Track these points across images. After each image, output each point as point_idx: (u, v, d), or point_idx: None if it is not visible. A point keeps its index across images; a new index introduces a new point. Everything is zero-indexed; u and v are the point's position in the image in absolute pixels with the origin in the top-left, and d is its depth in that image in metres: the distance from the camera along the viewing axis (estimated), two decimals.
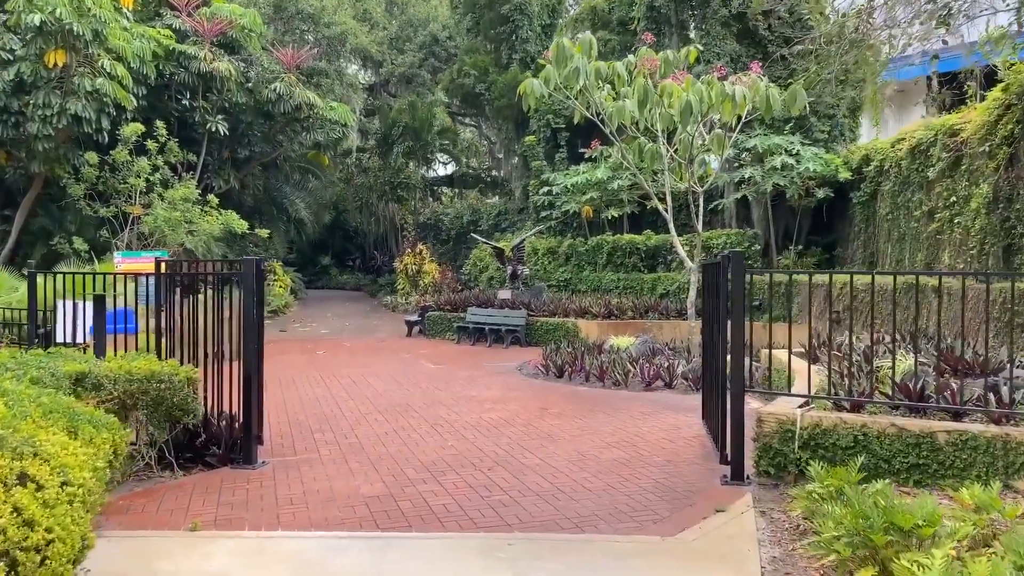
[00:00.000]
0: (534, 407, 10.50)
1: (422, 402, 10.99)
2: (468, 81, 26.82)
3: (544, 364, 13.63)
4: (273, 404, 10.91)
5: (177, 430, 7.55)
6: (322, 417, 10.04)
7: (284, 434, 9.09)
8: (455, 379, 13.12)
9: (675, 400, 10.92)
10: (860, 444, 6.31)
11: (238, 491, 6.78)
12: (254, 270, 7.56)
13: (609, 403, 10.73)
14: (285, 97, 22.87)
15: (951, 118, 13.40)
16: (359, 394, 11.76)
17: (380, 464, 7.63)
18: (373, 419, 9.86)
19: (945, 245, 13.50)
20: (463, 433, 8.97)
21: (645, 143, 14.12)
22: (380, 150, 31.54)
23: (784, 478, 6.61)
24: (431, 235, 31.95)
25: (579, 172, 20.85)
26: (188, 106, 22.68)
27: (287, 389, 12.25)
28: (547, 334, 17.64)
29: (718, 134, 13.85)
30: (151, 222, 18.47)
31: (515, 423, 9.47)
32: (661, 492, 6.58)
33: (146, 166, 18.76)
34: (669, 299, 18.45)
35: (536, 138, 24.21)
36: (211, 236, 20.10)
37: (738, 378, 6.82)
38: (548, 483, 6.87)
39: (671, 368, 12.35)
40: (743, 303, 6.87)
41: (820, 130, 18.31)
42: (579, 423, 9.42)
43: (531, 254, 22.26)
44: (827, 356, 7.39)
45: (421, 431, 9.12)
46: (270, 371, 14.50)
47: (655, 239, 20.30)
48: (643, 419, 9.62)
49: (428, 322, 20.00)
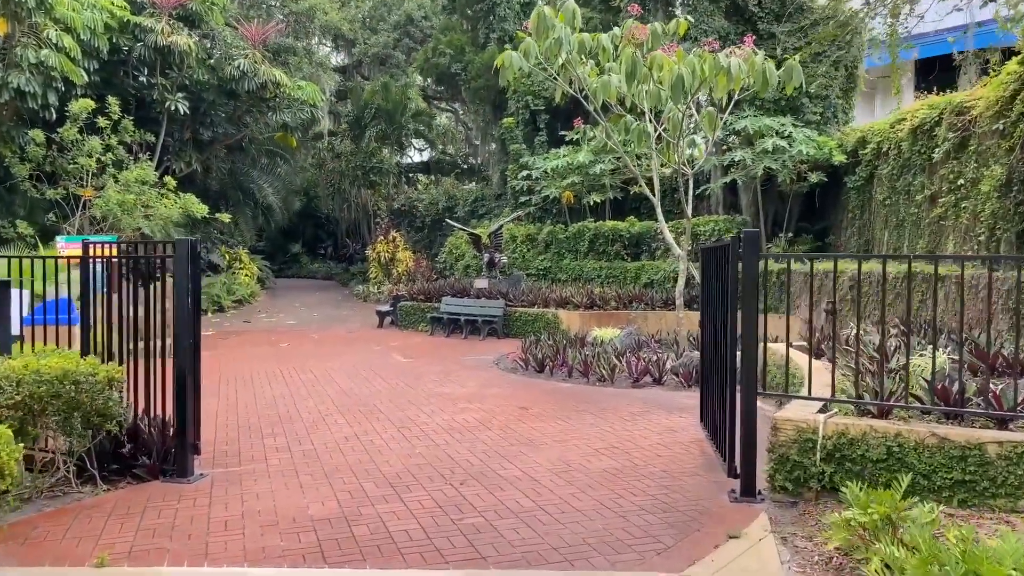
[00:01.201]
0: (513, 406, 9.54)
1: (390, 401, 9.98)
2: (443, 61, 25.63)
3: (523, 358, 12.67)
4: (224, 404, 9.86)
5: (100, 438, 6.51)
6: (277, 419, 9.01)
7: (231, 439, 8.05)
8: (427, 374, 12.12)
9: (666, 398, 10.00)
10: (894, 457, 5.41)
11: (165, 511, 5.75)
12: (188, 252, 6.51)
13: (595, 401, 9.79)
14: (249, 75, 21.61)
15: (958, 95, 12.56)
16: (321, 392, 10.72)
17: (336, 477, 6.62)
18: (333, 421, 8.84)
19: (949, 231, 12.69)
20: (433, 438, 7.98)
21: (632, 121, 13.14)
22: (352, 133, 30.25)
23: (803, 495, 5.70)
24: (405, 222, 30.80)
25: (559, 156, 19.85)
26: (146, 83, 21.36)
27: (243, 386, 11.19)
28: (526, 325, 16.68)
29: (710, 112, 12.92)
30: (102, 205, 17.23)
31: (491, 425, 8.50)
32: (662, 512, 5.65)
33: (98, 145, 17.49)
34: (654, 288, 17.56)
35: (514, 120, 23.17)
36: (169, 221, 18.88)
37: (750, 379, 5.89)
38: (529, 501, 5.91)
39: (660, 363, 11.43)
40: (756, 292, 5.94)
41: (812, 112, 17.45)
42: (563, 425, 8.47)
43: (509, 241, 21.27)
44: (831, 351, 6.58)
45: (386, 435, 8.12)
46: (227, 366, 13.48)
47: (639, 226, 19.39)
48: (633, 420, 8.69)
49: (401, 313, 18.97)
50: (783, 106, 17.61)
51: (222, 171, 25.55)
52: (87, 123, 17.62)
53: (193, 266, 6.59)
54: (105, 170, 17.76)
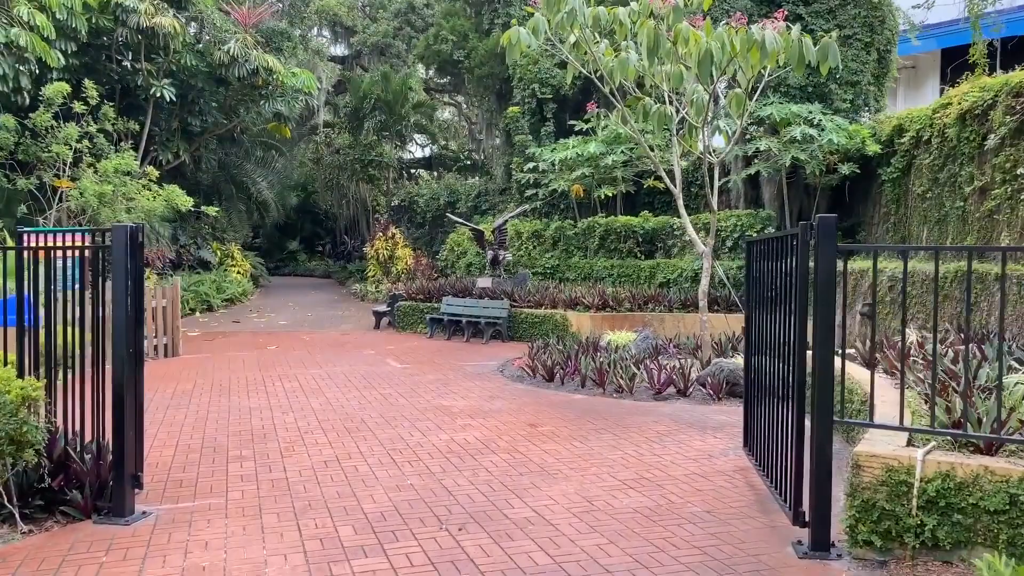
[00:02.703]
0: (521, 423, 8.32)
1: (380, 416, 8.78)
2: (446, 48, 24.38)
3: (531, 365, 11.45)
4: (193, 418, 8.66)
5: (22, 468, 5.33)
6: (249, 437, 7.80)
7: (191, 463, 6.85)
8: (424, 383, 10.91)
9: (695, 413, 8.78)
10: (1019, 507, 4.19)
11: (86, 569, 4.55)
12: (126, 242, 5.30)
13: (614, 417, 8.57)
14: (240, 60, 20.38)
15: (1016, 75, 11.31)
16: (304, 404, 9.51)
17: (307, 516, 5.42)
18: (313, 441, 7.63)
19: (1002, 226, 11.44)
20: (428, 463, 6.77)
21: (651, 104, 11.89)
22: (350, 125, 28.98)
23: (894, 551, 4.49)
24: (405, 218, 29.56)
25: (569, 146, 18.61)
26: (130, 68, 20.13)
27: (218, 396, 9.99)
28: (532, 328, 15.47)
29: (737, 94, 11.66)
30: (77, 196, 16.03)
31: (497, 447, 7.29)
32: (715, 572, 4.43)
33: (74, 132, 16.28)
34: (670, 288, 16.33)
35: (520, 109, 21.93)
36: (152, 214, 17.67)
37: (825, 402, 4.68)
38: (546, 556, 4.70)
39: (684, 371, 10.21)
40: (832, 294, 4.73)
41: (842, 99, 16.18)
42: (580, 448, 7.26)
43: (514, 238, 20.03)
44: (882, 361, 5.39)
45: (373, 459, 6.91)
46: (205, 372, 12.27)
47: (654, 221, 18.13)
48: (661, 442, 7.47)
49: (398, 313, 17.75)
50: (809, 93, 16.36)
51: (213, 163, 24.35)
52: (63, 109, 16.42)
53: (134, 260, 5.39)
54: (82, 159, 16.56)
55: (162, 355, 13.78)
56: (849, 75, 16.20)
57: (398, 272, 24.45)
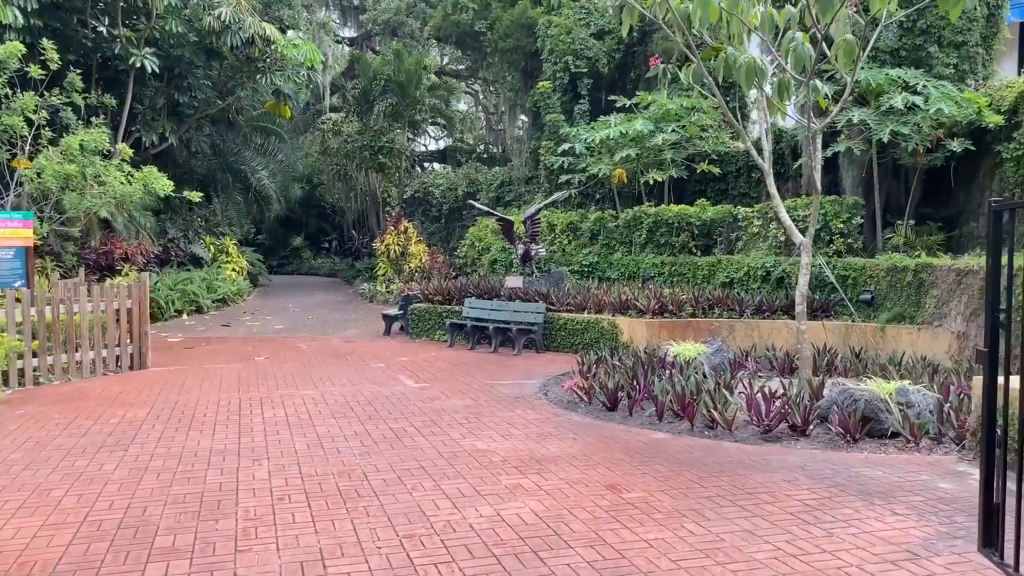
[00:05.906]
0: (595, 483, 5.72)
1: (390, 467, 6.19)
2: (465, 17, 21.74)
3: (584, 386, 8.85)
4: (126, 470, 6.12)
5: None
6: (196, 507, 5.23)
7: (87, 565, 4.27)
8: (448, 412, 8.32)
9: (835, 466, 6.15)
10: None
11: None
12: None
13: (726, 474, 5.95)
14: (233, 27, 17.88)
15: None
16: (287, 446, 6.94)
17: None
18: (288, 516, 5.05)
19: None
20: (464, 567, 4.18)
21: (734, 56, 9.25)
22: (359, 108, 26.38)
23: None
24: (419, 211, 26.95)
25: (611, 124, 15.99)
26: (107, 35, 17.65)
27: (173, 431, 7.42)
28: (573, 336, 12.88)
29: (848, 40, 9.00)
30: (33, 178, 13.56)
31: (572, 535, 4.69)
32: None
33: (31, 101, 13.81)
34: (735, 289, 13.69)
35: (551, 85, 19.32)
36: (127, 199, 15.16)
37: None
38: None
39: (800, 402, 7.58)
40: None
41: (944, 63, 13.48)
42: (700, 537, 4.64)
43: (546, 232, 17.42)
44: None
45: (378, 561, 4.32)
46: (170, 392, 9.46)
47: (712, 211, 15.46)
48: (818, 523, 4.85)
49: (412, 317, 15.16)
50: (902, 57, 13.68)
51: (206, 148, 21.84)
52: (19, 75, 13.95)
53: None
54: (41, 134, 14.09)
55: (126, 367, 11.27)
56: (953, 34, 13.52)
57: (411, 270, 21.87)
